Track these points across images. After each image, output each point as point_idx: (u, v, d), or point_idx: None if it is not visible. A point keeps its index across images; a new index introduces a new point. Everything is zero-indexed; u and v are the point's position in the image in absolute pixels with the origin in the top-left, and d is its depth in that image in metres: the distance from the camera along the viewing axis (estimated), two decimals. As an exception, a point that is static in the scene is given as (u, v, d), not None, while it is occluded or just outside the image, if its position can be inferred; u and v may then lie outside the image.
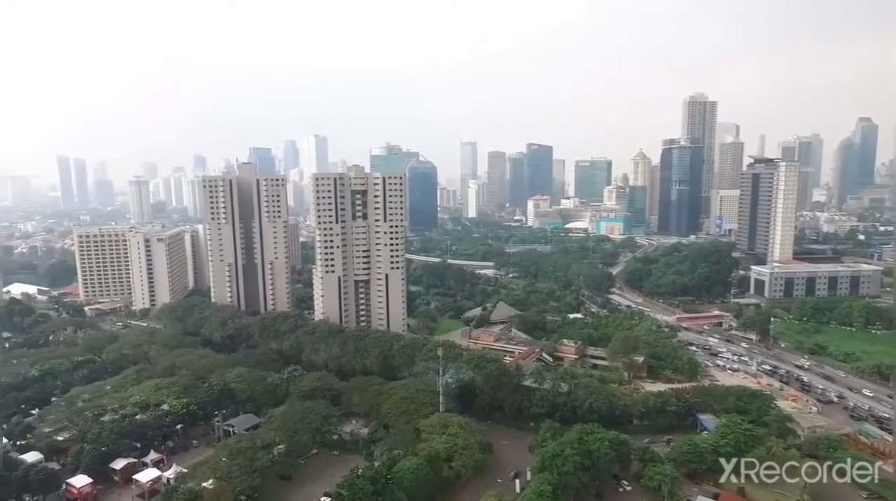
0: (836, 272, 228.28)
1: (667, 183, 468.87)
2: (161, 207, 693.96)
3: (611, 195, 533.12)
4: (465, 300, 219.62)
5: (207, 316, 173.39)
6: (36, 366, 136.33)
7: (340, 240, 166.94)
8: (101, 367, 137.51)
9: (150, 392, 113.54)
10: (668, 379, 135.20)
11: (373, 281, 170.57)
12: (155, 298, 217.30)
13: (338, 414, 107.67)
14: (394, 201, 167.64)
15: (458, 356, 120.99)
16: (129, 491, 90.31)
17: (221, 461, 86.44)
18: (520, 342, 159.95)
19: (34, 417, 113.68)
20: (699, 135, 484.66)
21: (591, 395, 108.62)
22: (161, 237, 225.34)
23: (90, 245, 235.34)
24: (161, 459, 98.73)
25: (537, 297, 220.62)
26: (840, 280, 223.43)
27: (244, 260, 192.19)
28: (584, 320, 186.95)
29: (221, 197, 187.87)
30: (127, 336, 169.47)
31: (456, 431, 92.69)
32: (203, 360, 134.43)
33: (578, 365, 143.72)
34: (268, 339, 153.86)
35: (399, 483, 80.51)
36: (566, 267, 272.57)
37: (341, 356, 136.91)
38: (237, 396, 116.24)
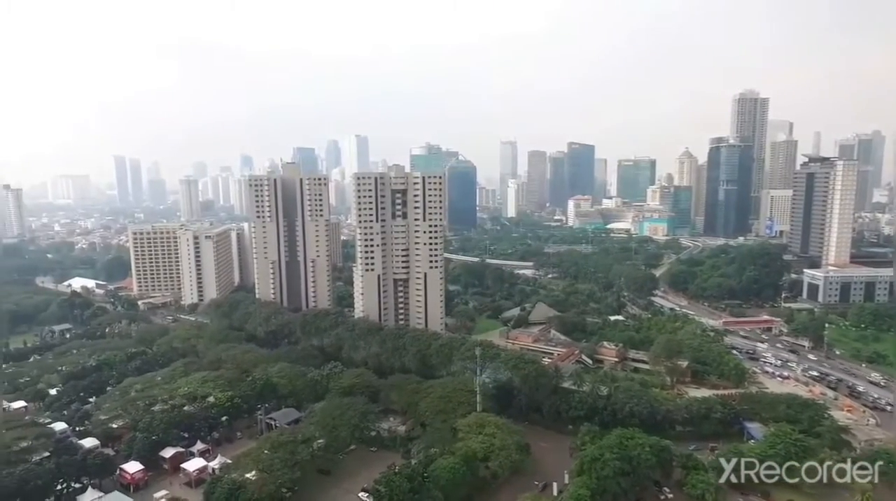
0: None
1: (714, 182, 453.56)
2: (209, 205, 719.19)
3: (654, 195, 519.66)
4: (503, 300, 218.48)
5: (252, 311, 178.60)
6: (93, 357, 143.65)
7: (380, 238, 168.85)
8: (152, 359, 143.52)
9: (197, 384, 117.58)
10: (714, 384, 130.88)
11: (412, 280, 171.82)
12: (203, 294, 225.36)
13: (376, 410, 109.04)
14: (433, 200, 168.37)
15: (495, 356, 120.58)
16: (177, 479, 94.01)
17: (264, 453, 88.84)
18: (559, 343, 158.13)
19: (91, 405, 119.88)
20: (749, 133, 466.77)
21: (632, 399, 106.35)
22: (209, 234, 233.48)
23: (143, 241, 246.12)
24: (207, 449, 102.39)
25: (577, 298, 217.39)
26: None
27: (287, 258, 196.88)
28: (625, 322, 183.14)
29: (266, 196, 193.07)
30: (176, 329, 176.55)
31: (493, 431, 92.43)
32: (247, 355, 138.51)
33: (619, 368, 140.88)
34: (309, 336, 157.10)
35: (436, 481, 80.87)
36: (607, 269, 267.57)
37: (380, 353, 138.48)
38: (279, 391, 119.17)
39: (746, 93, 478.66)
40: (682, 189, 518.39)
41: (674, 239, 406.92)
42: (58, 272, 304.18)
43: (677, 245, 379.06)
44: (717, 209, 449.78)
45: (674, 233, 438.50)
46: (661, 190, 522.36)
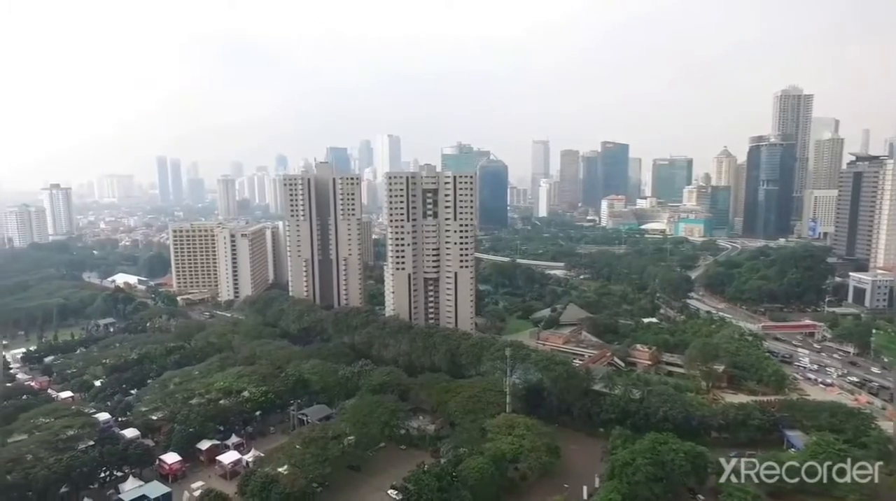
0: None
1: (754, 182, 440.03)
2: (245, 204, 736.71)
3: (691, 195, 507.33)
4: (534, 300, 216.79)
5: (285, 308, 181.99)
6: (135, 350, 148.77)
7: (411, 237, 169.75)
8: (190, 353, 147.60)
9: (232, 379, 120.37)
10: (752, 390, 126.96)
11: (442, 280, 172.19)
12: (238, 290, 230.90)
13: (406, 409, 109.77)
14: (464, 200, 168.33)
15: (526, 357, 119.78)
16: (213, 471, 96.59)
17: (296, 448, 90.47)
18: (590, 345, 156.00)
19: (133, 396, 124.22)
20: (791, 131, 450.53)
21: (666, 403, 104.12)
22: (245, 233, 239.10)
23: (182, 239, 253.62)
24: (241, 443, 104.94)
25: (610, 300, 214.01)
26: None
27: (320, 256, 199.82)
28: (659, 325, 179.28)
29: (300, 195, 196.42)
30: (213, 325, 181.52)
31: (522, 432, 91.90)
32: (281, 351, 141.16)
33: (652, 371, 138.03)
34: (340, 333, 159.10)
35: (464, 481, 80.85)
36: (641, 270, 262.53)
37: (410, 352, 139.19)
38: (311, 387, 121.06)
39: (789, 89, 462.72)
40: (720, 189, 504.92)
41: (711, 240, 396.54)
42: (103, 268, 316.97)
43: (714, 246, 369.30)
44: (756, 209, 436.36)
45: (711, 233, 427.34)
46: (699, 190, 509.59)
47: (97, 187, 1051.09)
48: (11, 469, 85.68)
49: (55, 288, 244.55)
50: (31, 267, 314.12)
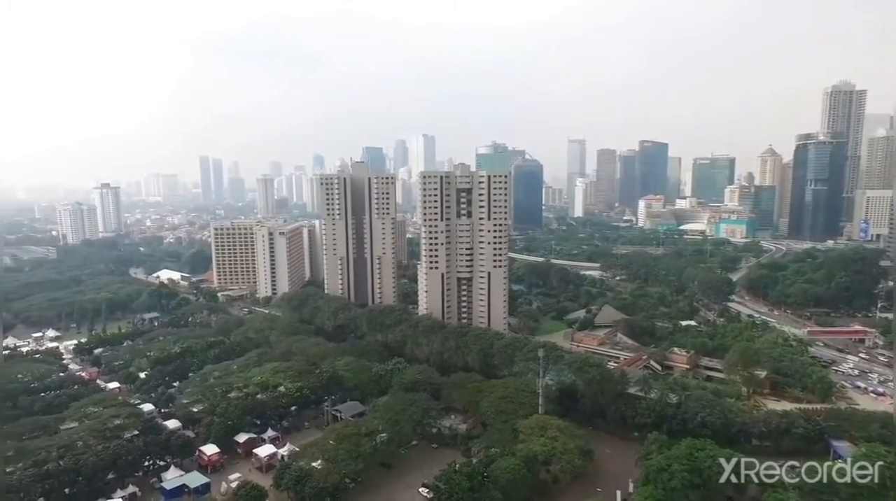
0: None
1: (800, 182, 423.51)
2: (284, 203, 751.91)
3: (733, 195, 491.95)
4: (568, 301, 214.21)
5: (320, 306, 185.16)
6: (178, 344, 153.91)
7: (445, 237, 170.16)
8: (229, 348, 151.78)
9: (269, 374, 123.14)
10: (796, 397, 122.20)
11: (475, 279, 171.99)
12: (276, 287, 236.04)
13: (438, 407, 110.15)
14: (498, 200, 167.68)
15: (559, 358, 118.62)
16: (249, 463, 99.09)
17: (329, 444, 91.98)
18: (626, 347, 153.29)
19: (175, 389, 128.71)
20: (842, 128, 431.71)
21: (704, 409, 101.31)
22: (283, 231, 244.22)
23: (223, 237, 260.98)
24: (277, 437, 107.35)
25: (646, 302, 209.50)
26: None
27: (355, 255, 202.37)
28: (697, 328, 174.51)
29: (336, 194, 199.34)
30: (251, 321, 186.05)
31: (555, 434, 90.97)
32: (316, 348, 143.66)
33: (690, 375, 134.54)
34: (374, 331, 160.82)
35: (495, 481, 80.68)
36: (679, 271, 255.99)
37: (442, 351, 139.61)
38: (345, 383, 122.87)
39: (840, 85, 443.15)
40: (764, 189, 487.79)
41: (754, 241, 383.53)
42: (148, 264, 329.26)
43: (758, 248, 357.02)
44: (803, 210, 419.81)
45: (754, 235, 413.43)
46: (741, 190, 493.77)
47: (144, 186, 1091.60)
48: (64, 454, 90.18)
49: (104, 283, 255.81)
50: (83, 262, 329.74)
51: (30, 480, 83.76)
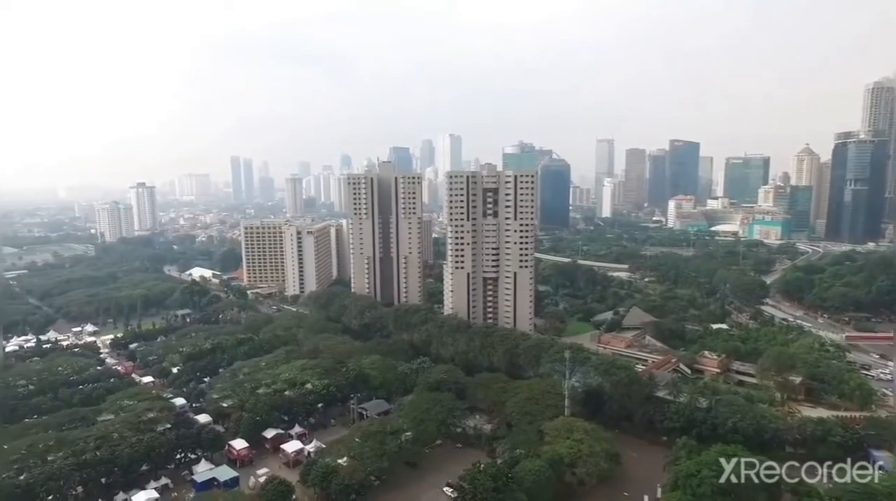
0: None
1: (839, 182, 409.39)
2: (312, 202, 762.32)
3: (767, 195, 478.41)
4: (595, 302, 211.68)
5: (347, 304, 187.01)
6: (209, 340, 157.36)
7: (471, 237, 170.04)
8: (258, 345, 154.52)
9: (297, 371, 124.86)
10: (833, 405, 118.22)
11: (501, 279, 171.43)
12: (304, 286, 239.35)
13: (462, 407, 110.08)
14: (525, 200, 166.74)
15: (586, 360, 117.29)
16: (277, 459, 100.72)
17: (355, 441, 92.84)
18: (654, 350, 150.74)
19: (206, 384, 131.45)
20: (884, 126, 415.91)
21: (736, 414, 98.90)
22: (310, 230, 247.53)
23: (253, 236, 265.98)
24: (304, 433, 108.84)
25: (676, 304, 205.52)
26: None
27: (381, 254, 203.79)
28: (729, 331, 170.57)
29: (363, 193, 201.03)
30: (280, 319, 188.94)
31: (581, 437, 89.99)
32: (342, 346, 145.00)
33: (721, 379, 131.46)
34: (400, 330, 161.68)
35: (520, 482, 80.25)
36: (711, 273, 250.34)
37: (468, 351, 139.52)
38: (370, 382, 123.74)
39: (882, 81, 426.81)
40: (800, 189, 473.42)
41: (789, 243, 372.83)
42: (181, 262, 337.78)
43: (793, 250, 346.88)
44: (842, 211, 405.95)
45: (789, 236, 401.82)
46: (776, 190, 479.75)
47: (178, 185, 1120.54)
48: (101, 445, 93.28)
49: (140, 280, 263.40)
50: (120, 260, 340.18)
51: (69, 469, 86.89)
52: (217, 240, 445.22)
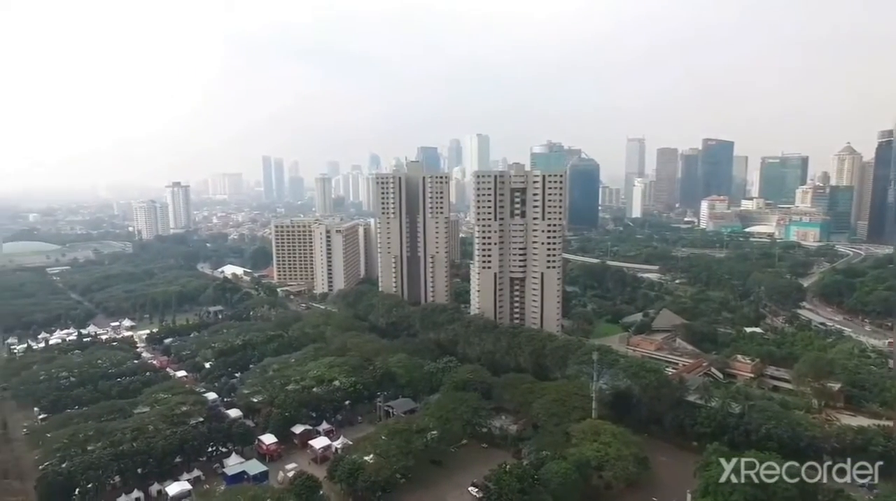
0: None
1: (882, 182, 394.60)
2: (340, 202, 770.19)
3: (805, 196, 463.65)
4: (624, 304, 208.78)
5: (374, 303, 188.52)
6: (240, 337, 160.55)
7: (498, 237, 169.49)
8: (287, 342, 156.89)
9: (325, 368, 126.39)
10: (874, 413, 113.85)
11: (528, 280, 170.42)
12: (332, 284, 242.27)
13: (488, 407, 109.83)
14: (553, 200, 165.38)
15: (614, 362, 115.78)
16: (304, 455, 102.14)
17: (381, 439, 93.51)
18: (685, 353, 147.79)
19: (237, 379, 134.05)
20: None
21: (770, 420, 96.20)
22: (339, 229, 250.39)
23: (283, 234, 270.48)
24: (331, 430, 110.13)
25: (708, 306, 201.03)
26: None
27: (408, 253, 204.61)
28: (763, 335, 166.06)
29: (391, 193, 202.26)
30: (308, 316, 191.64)
31: (609, 440, 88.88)
32: (369, 344, 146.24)
33: (754, 384, 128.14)
34: (426, 329, 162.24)
35: (546, 484, 79.79)
36: (744, 276, 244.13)
37: (494, 351, 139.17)
38: (397, 380, 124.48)
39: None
40: (840, 189, 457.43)
41: (828, 245, 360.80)
42: (214, 259, 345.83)
43: (832, 252, 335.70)
44: (885, 212, 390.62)
45: (828, 238, 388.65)
46: (815, 190, 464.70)
47: (211, 184, 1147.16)
48: (137, 436, 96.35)
49: (174, 276, 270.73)
50: (156, 257, 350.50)
51: (108, 459, 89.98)
52: (248, 238, 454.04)
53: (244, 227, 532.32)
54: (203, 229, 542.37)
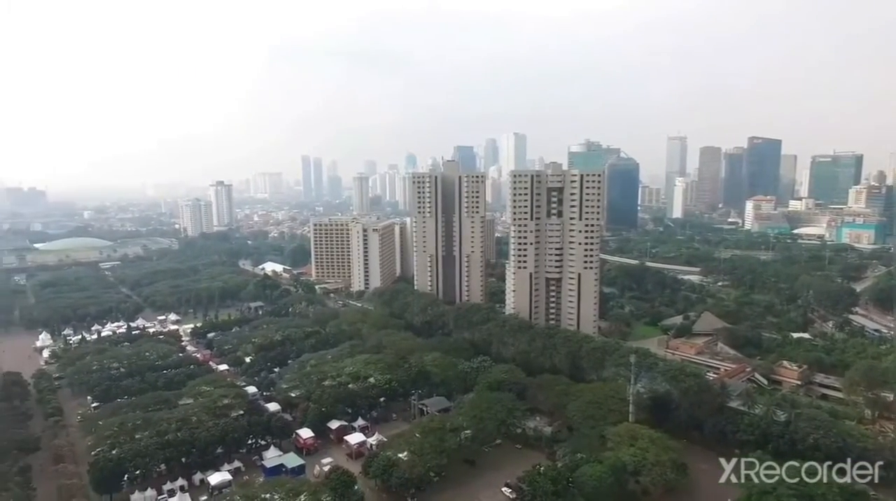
0: None
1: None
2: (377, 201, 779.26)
3: (859, 196, 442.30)
4: (663, 306, 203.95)
5: (410, 301, 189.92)
6: (279, 332, 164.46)
7: (534, 236, 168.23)
8: (324, 339, 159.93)
9: (360, 365, 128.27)
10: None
11: (565, 280, 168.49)
12: (368, 282, 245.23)
13: (523, 408, 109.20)
14: (591, 199, 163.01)
15: (653, 365, 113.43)
16: (340, 450, 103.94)
17: (415, 436, 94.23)
18: (727, 358, 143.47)
19: (275, 374, 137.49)
20: None
21: (818, 430, 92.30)
22: (376, 228, 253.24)
23: (321, 232, 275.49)
24: (366, 426, 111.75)
25: (752, 310, 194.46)
26: None
27: (444, 252, 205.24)
28: (812, 341, 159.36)
29: (427, 192, 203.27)
30: (345, 313, 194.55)
31: (646, 445, 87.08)
32: (404, 342, 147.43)
33: (801, 392, 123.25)
34: (461, 328, 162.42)
35: (581, 487, 78.84)
36: (792, 279, 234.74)
37: (529, 351, 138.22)
38: (432, 378, 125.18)
39: None
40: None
41: (883, 248, 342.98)
42: (255, 256, 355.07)
43: (888, 255, 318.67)
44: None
45: (884, 241, 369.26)
46: (870, 190, 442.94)
47: (252, 183, 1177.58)
48: (181, 427, 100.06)
49: (217, 273, 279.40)
50: (200, 253, 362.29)
51: (154, 447, 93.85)
52: (288, 236, 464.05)
53: (284, 225, 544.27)
54: (245, 227, 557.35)
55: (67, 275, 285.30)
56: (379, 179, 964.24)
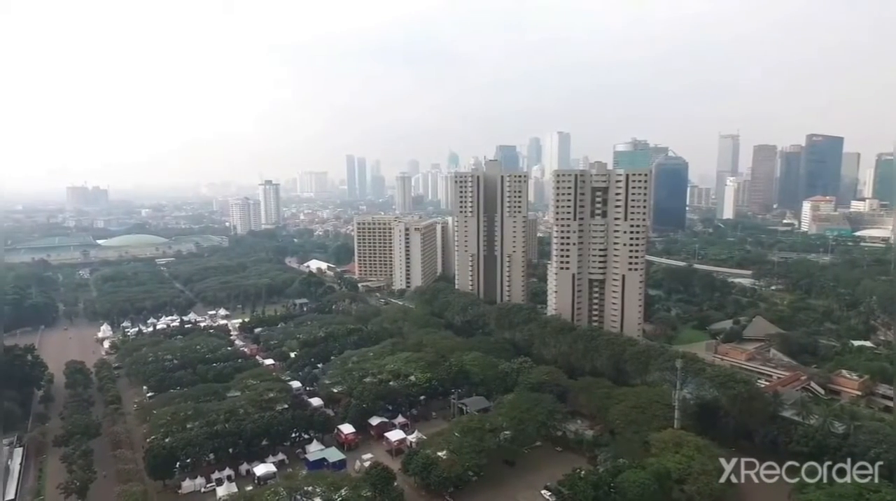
0: None
1: None
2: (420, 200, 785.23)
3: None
4: (712, 310, 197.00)
5: (451, 300, 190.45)
6: (322, 329, 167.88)
7: (577, 237, 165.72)
8: (366, 336, 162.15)
9: (401, 363, 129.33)
10: None
11: (608, 282, 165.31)
12: (410, 280, 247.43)
13: (563, 410, 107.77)
14: (636, 199, 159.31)
15: (700, 371, 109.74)
16: (380, 446, 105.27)
17: (455, 435, 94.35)
18: (779, 365, 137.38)
19: (319, 370, 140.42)
20: None
21: (880, 444, 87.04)
22: (417, 227, 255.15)
23: (365, 231, 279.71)
24: (406, 423, 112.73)
25: (808, 316, 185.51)
26: None
27: (485, 252, 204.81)
28: (874, 350, 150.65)
29: (469, 191, 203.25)
30: (387, 311, 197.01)
31: (691, 453, 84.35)
32: (445, 341, 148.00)
33: (862, 403, 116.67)
34: (502, 328, 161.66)
35: (622, 493, 77.20)
36: (853, 284, 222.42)
37: (570, 353, 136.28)
38: (471, 378, 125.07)
39: None
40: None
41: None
42: (300, 254, 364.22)
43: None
44: None
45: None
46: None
47: (299, 182, 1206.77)
48: (229, 418, 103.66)
49: (264, 269, 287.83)
50: (248, 250, 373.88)
51: (204, 437, 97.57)
52: (332, 234, 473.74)
53: (328, 224, 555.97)
54: (291, 225, 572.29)
55: (126, 270, 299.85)
56: (421, 179, 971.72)
